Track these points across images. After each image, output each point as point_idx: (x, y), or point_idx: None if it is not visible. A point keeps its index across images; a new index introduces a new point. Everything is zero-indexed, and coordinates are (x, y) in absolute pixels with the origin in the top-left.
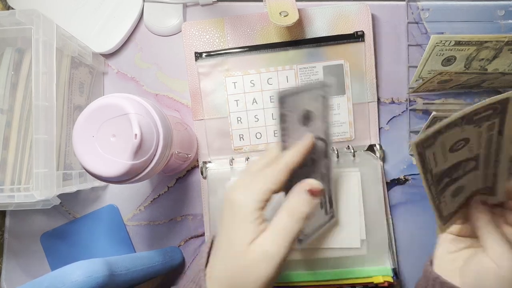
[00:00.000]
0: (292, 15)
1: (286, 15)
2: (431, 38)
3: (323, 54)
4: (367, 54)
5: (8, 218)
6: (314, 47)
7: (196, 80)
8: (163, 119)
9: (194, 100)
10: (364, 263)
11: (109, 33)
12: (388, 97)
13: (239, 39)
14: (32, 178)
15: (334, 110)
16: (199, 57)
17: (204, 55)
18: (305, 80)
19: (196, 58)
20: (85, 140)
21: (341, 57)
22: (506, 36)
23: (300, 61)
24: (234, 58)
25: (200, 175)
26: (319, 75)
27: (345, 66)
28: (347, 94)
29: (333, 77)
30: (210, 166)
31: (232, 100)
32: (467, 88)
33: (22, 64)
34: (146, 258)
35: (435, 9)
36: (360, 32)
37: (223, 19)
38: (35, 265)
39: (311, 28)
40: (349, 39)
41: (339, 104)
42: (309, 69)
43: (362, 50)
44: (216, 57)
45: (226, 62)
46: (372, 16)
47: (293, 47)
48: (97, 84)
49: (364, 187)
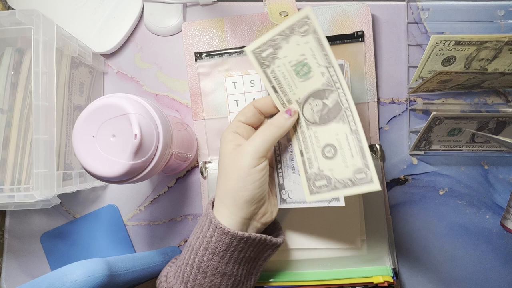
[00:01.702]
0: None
1: (286, 15)
2: (431, 38)
3: None
4: (367, 54)
5: (8, 218)
6: None
7: (196, 80)
8: (163, 119)
9: (194, 100)
10: (364, 263)
11: (109, 33)
12: (388, 97)
13: (239, 39)
14: (32, 178)
15: None
16: (199, 57)
17: (204, 55)
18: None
19: (196, 58)
20: (85, 140)
21: (341, 57)
22: (506, 36)
23: None
24: (234, 58)
25: (200, 175)
26: None
27: (345, 66)
28: None
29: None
30: (210, 166)
31: (232, 100)
32: (467, 88)
33: (22, 64)
34: (146, 258)
35: (435, 9)
36: (360, 32)
37: (223, 19)
38: (35, 265)
39: None
40: (349, 39)
41: None
42: None
43: (362, 50)
44: (216, 57)
45: (226, 62)
46: (372, 16)
47: None
48: (97, 84)
49: None
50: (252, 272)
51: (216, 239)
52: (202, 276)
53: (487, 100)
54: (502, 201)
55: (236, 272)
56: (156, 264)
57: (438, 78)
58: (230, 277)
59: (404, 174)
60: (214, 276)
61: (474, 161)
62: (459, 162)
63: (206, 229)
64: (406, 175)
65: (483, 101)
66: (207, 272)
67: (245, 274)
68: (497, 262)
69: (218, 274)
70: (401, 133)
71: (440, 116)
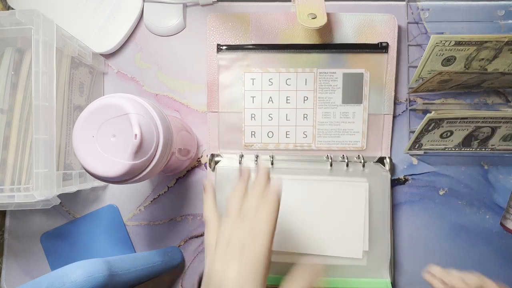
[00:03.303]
0: (321, 18)
1: (314, 17)
2: (431, 38)
3: (345, 61)
4: (389, 67)
5: (8, 218)
6: (336, 53)
7: (215, 72)
8: (163, 119)
9: (210, 92)
10: (363, 274)
11: (109, 33)
12: None
13: (263, 36)
14: (32, 178)
15: (349, 118)
16: (221, 49)
17: (225, 48)
18: (324, 84)
19: (217, 50)
20: (85, 140)
21: (363, 66)
22: (506, 36)
23: (321, 65)
24: (256, 54)
25: (205, 170)
26: (338, 82)
27: (365, 76)
28: (364, 103)
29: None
30: (219, 162)
31: (249, 96)
32: (467, 88)
33: (22, 64)
34: (146, 258)
35: (435, 9)
36: (384, 44)
37: (249, 15)
38: (35, 265)
39: (336, 34)
40: (373, 49)
41: (355, 112)
42: (329, 74)
43: (384, 62)
44: (238, 52)
45: (247, 58)
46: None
47: (316, 50)
48: (97, 84)
49: (371, 199)
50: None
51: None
52: None
53: (487, 100)
54: (502, 201)
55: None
56: (156, 264)
57: (438, 78)
58: None
59: (404, 174)
60: None
61: (474, 161)
62: (459, 162)
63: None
64: (406, 175)
65: (483, 101)
66: None
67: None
68: (497, 262)
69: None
70: (401, 133)
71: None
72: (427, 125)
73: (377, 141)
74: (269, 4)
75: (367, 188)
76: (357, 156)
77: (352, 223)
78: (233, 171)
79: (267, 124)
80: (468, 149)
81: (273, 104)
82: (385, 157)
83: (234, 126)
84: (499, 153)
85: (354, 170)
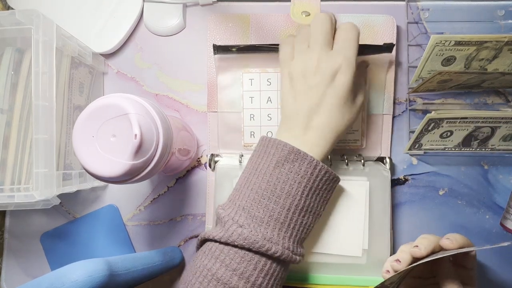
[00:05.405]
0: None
1: (308, 15)
2: (431, 38)
3: None
4: (389, 67)
5: (8, 218)
6: None
7: (215, 72)
8: (163, 119)
9: (210, 92)
10: (362, 272)
11: (109, 33)
12: None
13: (262, 37)
14: (32, 178)
15: None
16: (218, 50)
17: (223, 49)
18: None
19: (214, 51)
20: (85, 140)
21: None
22: (506, 36)
23: None
24: (254, 54)
25: (205, 169)
26: None
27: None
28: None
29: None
30: (219, 161)
31: (247, 97)
32: (467, 88)
33: (22, 64)
34: (146, 258)
35: (435, 9)
36: (389, 44)
37: (249, 16)
38: (35, 265)
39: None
40: (375, 49)
41: None
42: None
43: (385, 61)
44: (236, 52)
45: (245, 58)
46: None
47: None
48: (97, 84)
49: (372, 197)
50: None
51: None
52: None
53: (487, 100)
54: (502, 201)
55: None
56: (156, 264)
57: (438, 78)
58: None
59: (404, 174)
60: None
61: (474, 161)
62: (459, 162)
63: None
64: (406, 175)
65: (483, 101)
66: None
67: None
68: (497, 262)
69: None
70: (401, 133)
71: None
72: (427, 125)
73: (376, 141)
74: (269, 4)
75: (368, 187)
76: (357, 155)
77: (352, 222)
78: (233, 169)
79: (266, 124)
80: (468, 149)
81: (271, 104)
82: (385, 157)
83: (233, 127)
84: (499, 153)
85: (354, 169)
